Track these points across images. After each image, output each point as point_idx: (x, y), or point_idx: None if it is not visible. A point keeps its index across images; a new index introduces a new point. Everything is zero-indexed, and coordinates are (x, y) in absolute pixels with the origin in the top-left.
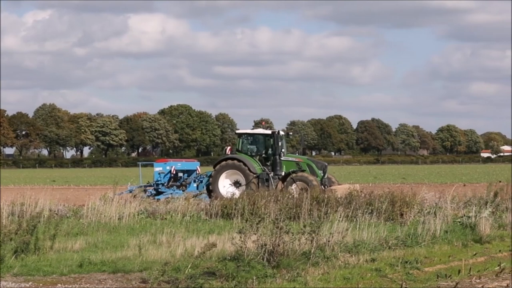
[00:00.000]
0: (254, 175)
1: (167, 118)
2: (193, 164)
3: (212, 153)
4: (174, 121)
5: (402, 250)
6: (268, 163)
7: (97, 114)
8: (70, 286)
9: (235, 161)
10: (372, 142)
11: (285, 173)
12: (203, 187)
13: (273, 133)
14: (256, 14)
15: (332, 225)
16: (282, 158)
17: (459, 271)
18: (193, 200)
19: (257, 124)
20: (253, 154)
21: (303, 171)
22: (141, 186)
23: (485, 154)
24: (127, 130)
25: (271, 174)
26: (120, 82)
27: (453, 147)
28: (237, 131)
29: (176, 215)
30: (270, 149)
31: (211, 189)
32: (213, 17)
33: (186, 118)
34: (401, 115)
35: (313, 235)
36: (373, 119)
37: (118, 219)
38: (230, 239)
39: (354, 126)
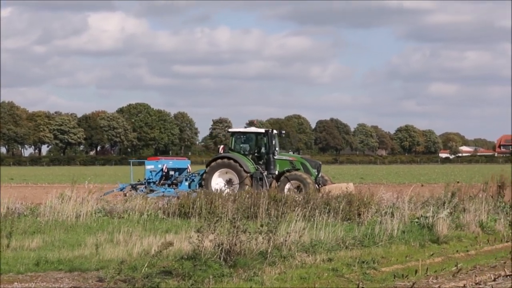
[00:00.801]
0: (248, 174)
1: (125, 117)
2: (184, 162)
3: (170, 152)
4: (133, 120)
5: (359, 250)
6: (261, 162)
7: (56, 112)
8: (27, 285)
9: (229, 160)
10: (330, 142)
11: (278, 172)
12: (196, 185)
13: (266, 131)
14: (215, 14)
15: (289, 225)
16: (275, 157)
17: (416, 271)
18: (151, 198)
19: (216, 123)
20: (246, 153)
21: (297, 169)
22: (131, 184)
23: (443, 155)
24: (86, 128)
25: (265, 173)
26: (79, 80)
27: (412, 147)
28: (229, 130)
29: (134, 214)
30: (263, 148)
31: (204, 188)
32: (173, 16)
33: (145, 117)
34: (360, 115)
35: (270, 234)
36: (331, 119)
37: (76, 217)
38: (187, 238)
39: (313, 125)
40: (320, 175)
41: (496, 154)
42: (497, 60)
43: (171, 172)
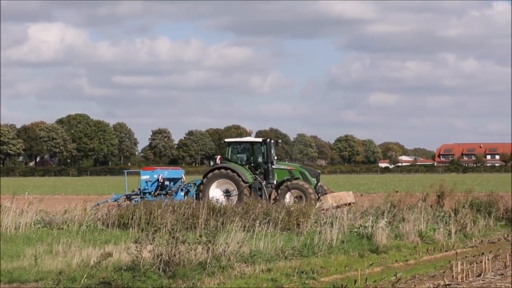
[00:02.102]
0: (246, 184)
1: (65, 128)
2: (179, 172)
3: (110, 163)
4: (72, 131)
5: (298, 260)
6: (258, 172)
7: None
8: None
9: (227, 170)
10: None
11: (277, 181)
12: (193, 196)
13: (264, 140)
14: (155, 24)
15: (228, 235)
16: (273, 166)
17: (355, 281)
18: (90, 209)
19: (155, 134)
20: (243, 162)
21: (296, 179)
22: (126, 195)
23: (383, 164)
24: (25, 139)
25: (264, 183)
26: (18, 91)
27: (351, 157)
28: (226, 140)
29: (73, 225)
30: (260, 157)
31: (201, 199)
32: (113, 27)
33: (84, 127)
34: (300, 125)
35: (209, 245)
36: (271, 129)
37: (15, 228)
38: (126, 249)
39: (253, 136)
40: (319, 184)
41: (435, 164)
42: (437, 70)
43: (166, 182)
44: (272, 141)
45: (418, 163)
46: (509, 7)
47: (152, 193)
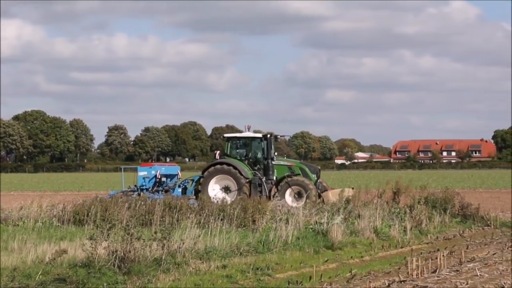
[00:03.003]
0: (247, 180)
1: (21, 124)
2: (175, 169)
3: (66, 159)
4: (28, 127)
5: (253, 257)
6: (256, 168)
7: None
8: None
9: (226, 166)
10: None
11: (276, 178)
12: (191, 192)
13: (264, 136)
14: (113, 21)
15: (184, 232)
16: (273, 162)
17: (310, 278)
18: (46, 206)
19: (111, 130)
20: (242, 158)
21: (297, 175)
22: (123, 191)
23: (339, 161)
24: None
25: (263, 179)
26: None
27: (307, 154)
28: (225, 135)
29: (29, 222)
30: (259, 153)
31: (200, 195)
32: (70, 23)
33: (40, 124)
34: (257, 122)
35: (164, 241)
36: (227, 126)
37: None
38: (81, 246)
39: (209, 132)
40: (319, 180)
41: (391, 160)
42: (394, 66)
43: (163, 179)
44: (272, 136)
45: (374, 160)
46: (465, 5)
47: (150, 189)
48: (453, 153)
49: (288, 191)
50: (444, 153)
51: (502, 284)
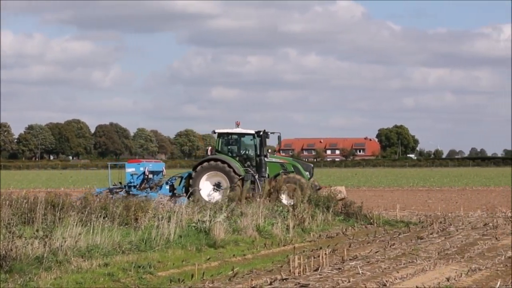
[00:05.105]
0: (240, 177)
1: None
2: (160, 165)
3: None
4: None
5: (135, 255)
6: (246, 164)
7: None
8: None
9: (219, 162)
10: (110, 147)
11: (268, 175)
12: (182, 189)
13: (257, 133)
14: None
15: (66, 230)
16: (266, 159)
17: (192, 276)
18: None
19: None
20: (234, 155)
21: (290, 172)
22: (110, 188)
23: None
24: None
25: (256, 176)
26: None
27: (192, 152)
28: (217, 131)
29: None
30: (251, 150)
31: (190, 192)
32: None
33: None
34: (141, 120)
35: (46, 239)
36: (111, 124)
37: None
38: None
39: (93, 130)
40: (312, 177)
41: None
42: (278, 65)
43: (150, 176)
44: (264, 133)
45: None
46: (352, 3)
47: (137, 186)
48: (337, 152)
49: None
50: (328, 152)
51: (384, 281)
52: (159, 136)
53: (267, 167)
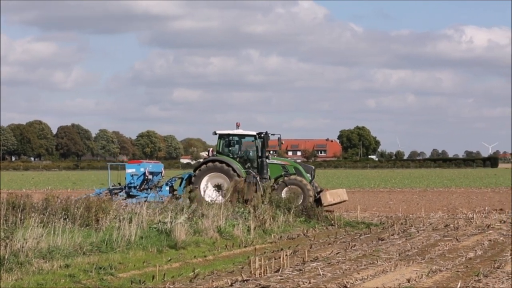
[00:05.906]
0: (241, 178)
1: None
2: (159, 166)
3: None
4: None
5: (96, 256)
6: (247, 166)
7: None
8: None
9: (221, 164)
10: (72, 148)
11: (270, 176)
12: (183, 190)
13: (259, 134)
14: None
15: (27, 231)
16: (267, 161)
17: (153, 277)
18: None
19: None
20: (235, 156)
21: (292, 174)
22: (109, 189)
23: (185, 160)
24: None
25: (258, 178)
26: None
27: (153, 153)
28: (218, 132)
29: None
30: (252, 151)
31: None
32: None
33: None
34: (103, 121)
35: (7, 241)
36: (73, 125)
37: None
38: None
39: (55, 131)
40: (314, 180)
41: None
42: (241, 66)
43: (150, 176)
44: (266, 134)
45: None
46: (314, 5)
47: (138, 187)
48: (299, 153)
49: (284, 190)
50: (290, 153)
51: (344, 283)
52: (121, 137)
53: (269, 169)
